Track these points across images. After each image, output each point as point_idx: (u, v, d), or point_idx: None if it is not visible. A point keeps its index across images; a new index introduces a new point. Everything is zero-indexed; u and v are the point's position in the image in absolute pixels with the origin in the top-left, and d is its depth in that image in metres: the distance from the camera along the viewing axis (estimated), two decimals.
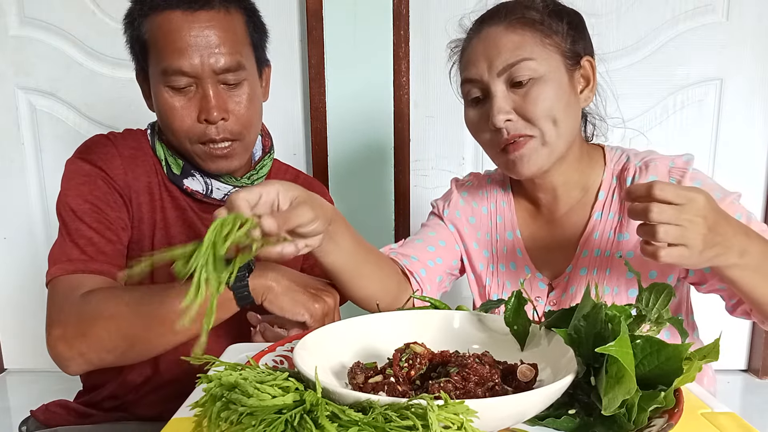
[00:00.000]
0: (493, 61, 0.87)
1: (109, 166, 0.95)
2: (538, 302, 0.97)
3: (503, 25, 0.88)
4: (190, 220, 1.02)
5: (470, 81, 0.91)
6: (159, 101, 0.93)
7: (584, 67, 0.91)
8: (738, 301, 0.86)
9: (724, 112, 1.95)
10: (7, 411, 1.95)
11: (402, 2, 1.84)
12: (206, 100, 0.91)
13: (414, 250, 1.02)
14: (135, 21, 0.93)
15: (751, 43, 1.90)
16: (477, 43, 0.90)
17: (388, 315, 0.74)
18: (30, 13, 1.89)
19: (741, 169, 1.98)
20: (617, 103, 1.00)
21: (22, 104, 1.96)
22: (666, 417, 0.52)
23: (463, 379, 0.55)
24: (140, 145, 1.00)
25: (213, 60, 0.90)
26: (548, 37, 0.87)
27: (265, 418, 0.47)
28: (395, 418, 0.45)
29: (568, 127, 0.88)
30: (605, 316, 0.55)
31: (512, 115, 0.87)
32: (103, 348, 0.83)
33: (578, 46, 0.90)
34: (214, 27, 0.90)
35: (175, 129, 0.93)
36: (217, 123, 0.92)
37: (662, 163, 0.90)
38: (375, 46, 1.87)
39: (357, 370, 0.59)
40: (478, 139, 0.95)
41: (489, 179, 1.08)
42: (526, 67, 0.85)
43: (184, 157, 0.99)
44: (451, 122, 1.97)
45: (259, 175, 1.05)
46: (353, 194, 1.97)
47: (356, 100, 1.91)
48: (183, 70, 0.89)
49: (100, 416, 1.03)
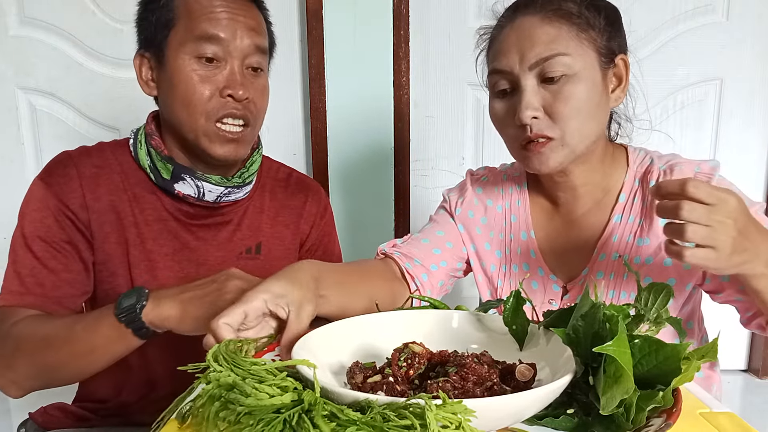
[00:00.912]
0: (525, 54, 0.83)
1: (64, 191, 0.93)
2: (551, 305, 0.94)
3: (539, 16, 0.84)
4: (174, 231, 1.00)
5: (499, 72, 0.87)
6: (182, 72, 0.92)
7: (618, 66, 0.87)
8: (754, 314, 0.83)
9: (724, 112, 1.95)
10: (5, 413, 1.94)
11: (402, 2, 1.84)
12: (234, 76, 0.93)
13: (418, 252, 0.99)
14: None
15: (751, 43, 1.90)
16: (510, 33, 0.86)
17: (387, 315, 0.74)
18: (30, 13, 1.89)
19: (741, 169, 1.97)
20: (647, 104, 0.96)
21: (22, 104, 1.96)
22: (664, 416, 0.52)
23: (461, 378, 0.55)
24: (105, 163, 0.98)
25: (248, 40, 0.93)
26: (585, 31, 0.83)
27: (263, 418, 0.47)
28: (393, 418, 0.45)
29: (593, 128, 0.86)
30: (603, 315, 0.55)
31: (539, 112, 0.83)
32: (29, 377, 0.87)
33: (614, 43, 0.86)
34: (250, 13, 0.95)
35: (195, 101, 0.92)
36: (242, 101, 0.93)
37: (688, 168, 0.87)
38: (375, 46, 1.87)
39: (356, 370, 0.59)
40: (502, 132, 0.92)
41: (505, 175, 1.04)
42: (559, 63, 0.81)
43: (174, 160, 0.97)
44: (451, 122, 1.97)
45: (250, 173, 1.03)
46: (353, 194, 1.97)
47: (356, 100, 1.91)
48: (220, 38, 0.91)
49: (98, 420, 1.03)
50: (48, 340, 0.85)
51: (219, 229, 1.03)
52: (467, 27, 1.91)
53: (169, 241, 0.99)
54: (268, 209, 1.09)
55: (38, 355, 0.85)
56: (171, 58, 0.92)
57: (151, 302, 0.80)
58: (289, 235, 1.11)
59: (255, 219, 1.07)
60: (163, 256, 0.99)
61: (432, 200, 1.98)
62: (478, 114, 1.96)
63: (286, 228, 1.11)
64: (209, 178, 0.97)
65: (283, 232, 1.10)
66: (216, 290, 0.79)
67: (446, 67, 1.94)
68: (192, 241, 1.01)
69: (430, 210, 1.12)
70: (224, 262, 1.02)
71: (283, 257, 1.10)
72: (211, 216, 1.02)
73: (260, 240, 1.07)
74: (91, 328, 0.83)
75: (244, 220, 1.06)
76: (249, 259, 1.05)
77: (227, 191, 0.99)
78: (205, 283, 0.81)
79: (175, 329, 0.80)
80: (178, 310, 0.79)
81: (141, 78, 0.98)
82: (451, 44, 1.93)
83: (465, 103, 1.96)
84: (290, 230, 1.11)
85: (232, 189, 1.00)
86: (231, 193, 1.00)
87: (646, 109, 0.96)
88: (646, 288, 0.65)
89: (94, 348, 0.83)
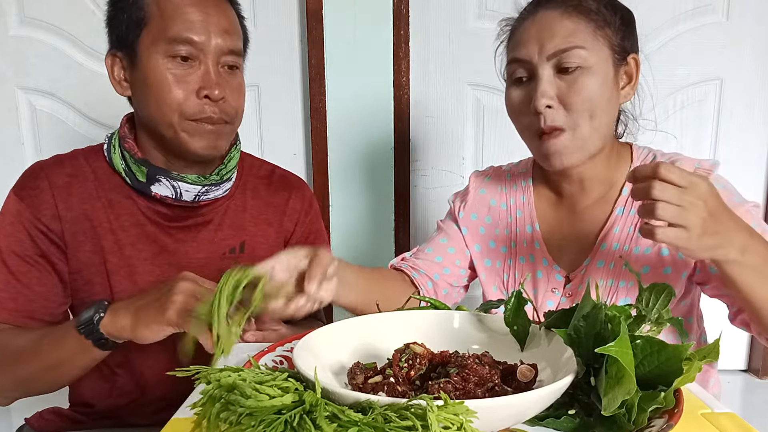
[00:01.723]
0: (544, 45, 0.87)
1: (35, 203, 0.93)
2: (554, 293, 0.98)
3: (560, 11, 0.88)
4: (152, 234, 0.99)
5: (518, 61, 0.91)
6: (155, 72, 0.90)
7: (629, 64, 0.91)
8: (739, 309, 0.86)
9: (724, 112, 1.95)
10: (5, 413, 1.94)
11: (402, 2, 1.84)
12: (209, 76, 0.92)
13: (422, 263, 1.06)
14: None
15: (751, 43, 1.89)
16: (530, 25, 0.90)
17: (387, 315, 0.74)
18: (30, 13, 1.89)
19: (741, 169, 1.97)
20: (653, 103, 1.00)
21: (22, 104, 1.95)
22: (666, 417, 0.52)
23: (462, 379, 0.55)
24: (78, 171, 0.97)
25: (221, 39, 0.92)
26: (601, 28, 0.88)
27: (264, 419, 0.47)
28: (395, 419, 0.45)
29: (604, 122, 0.89)
30: (605, 316, 0.55)
31: (554, 101, 0.87)
32: (7, 388, 0.91)
33: (627, 42, 0.91)
34: (224, 13, 0.94)
35: (170, 101, 0.90)
36: (218, 101, 0.92)
37: (688, 163, 0.90)
38: (375, 46, 1.87)
39: (357, 371, 0.59)
40: (517, 122, 0.95)
41: (509, 174, 1.09)
42: (576, 55, 0.86)
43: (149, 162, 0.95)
44: (451, 122, 1.97)
45: (228, 169, 1.01)
46: (353, 194, 1.97)
47: (356, 100, 1.91)
48: (192, 39, 0.90)
49: (92, 423, 1.03)
50: (18, 354, 0.87)
51: (199, 230, 1.02)
52: (467, 27, 1.91)
53: (147, 246, 0.98)
54: (251, 207, 1.08)
55: (11, 369, 0.88)
56: (144, 58, 0.91)
57: (108, 314, 0.82)
58: (273, 233, 1.09)
59: (237, 218, 1.06)
60: (142, 261, 0.98)
61: (432, 200, 1.98)
62: (478, 114, 1.96)
63: (270, 226, 1.09)
64: (185, 177, 0.95)
65: (267, 231, 1.09)
66: (166, 293, 0.79)
67: (446, 67, 1.94)
68: (171, 244, 1.00)
69: (430, 210, 1.14)
70: (207, 264, 1.01)
71: (268, 256, 1.08)
72: (191, 217, 1.01)
73: (244, 239, 1.06)
74: (56, 342, 0.85)
75: (225, 219, 1.04)
76: (233, 259, 1.04)
77: (205, 190, 0.97)
78: (157, 288, 0.82)
79: (132, 338, 0.81)
80: (132, 319, 0.80)
81: (113, 78, 0.96)
82: (451, 44, 1.92)
83: (465, 103, 1.96)
84: (274, 228, 1.09)
85: (210, 187, 0.98)
86: (209, 192, 0.98)
87: (652, 108, 0.99)
88: (647, 288, 0.65)
89: (62, 361, 0.86)
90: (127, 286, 0.96)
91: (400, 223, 1.97)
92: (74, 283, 0.97)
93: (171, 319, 0.76)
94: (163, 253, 0.99)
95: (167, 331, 0.78)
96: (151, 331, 0.78)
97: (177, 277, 0.80)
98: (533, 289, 1.00)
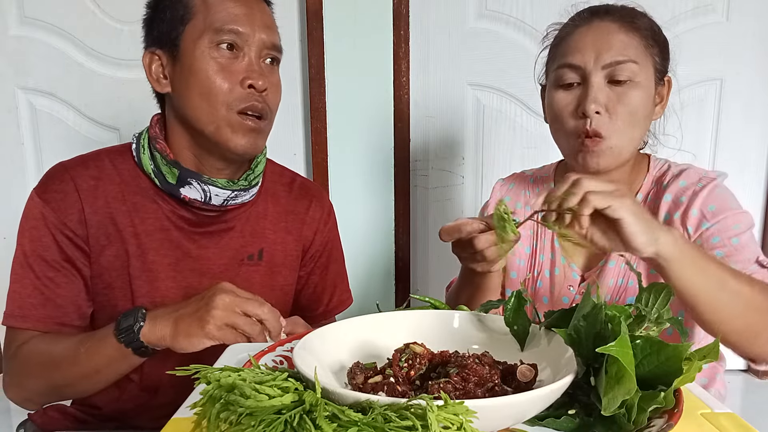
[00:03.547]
0: (601, 54, 0.91)
1: (61, 207, 0.92)
2: (570, 290, 1.03)
3: (617, 24, 0.92)
4: (176, 240, 0.97)
5: (570, 66, 0.94)
6: (201, 61, 0.90)
7: (664, 85, 0.98)
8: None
9: (724, 112, 1.95)
10: (5, 412, 1.94)
11: (402, 2, 1.84)
12: (253, 67, 0.93)
13: None
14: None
15: (751, 43, 1.90)
16: (587, 32, 0.93)
17: (387, 315, 0.74)
18: (30, 13, 1.89)
19: (741, 169, 1.97)
20: (680, 122, 1.04)
21: (22, 104, 1.96)
22: (666, 417, 0.52)
23: (462, 379, 0.55)
24: (103, 173, 0.96)
25: (264, 34, 0.94)
26: (650, 47, 0.93)
27: (264, 419, 0.47)
28: (395, 419, 0.45)
29: (638, 134, 0.95)
30: (605, 316, 0.55)
31: (602, 108, 0.91)
32: (40, 393, 0.94)
33: (666, 64, 0.97)
34: (265, 10, 0.97)
35: (216, 90, 0.90)
36: (262, 92, 0.93)
37: (695, 172, 0.96)
38: (375, 45, 1.87)
39: (356, 371, 0.59)
40: (557, 123, 0.97)
41: (532, 178, 1.14)
42: (629, 69, 0.90)
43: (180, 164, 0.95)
44: (451, 122, 1.97)
45: (256, 174, 1.02)
46: (353, 194, 1.97)
47: (356, 100, 1.91)
48: (238, 30, 0.91)
49: (96, 424, 1.03)
50: (54, 362, 0.88)
51: (221, 236, 1.01)
52: (467, 27, 1.92)
53: (171, 251, 0.97)
54: (271, 214, 1.07)
55: (46, 375, 0.90)
56: (188, 50, 0.91)
57: (148, 322, 0.83)
58: (291, 241, 1.09)
59: (257, 224, 1.05)
60: (165, 266, 0.97)
61: (432, 200, 1.98)
62: (478, 114, 1.96)
63: (289, 234, 1.08)
64: (216, 182, 0.95)
65: (286, 238, 1.08)
66: (204, 306, 0.81)
67: (446, 67, 1.94)
68: (194, 250, 0.99)
69: (431, 210, 1.14)
70: (226, 270, 1.01)
71: (285, 263, 1.08)
72: (215, 223, 1.00)
73: (262, 246, 1.05)
74: (94, 349, 0.86)
75: (246, 226, 1.04)
76: (251, 266, 1.03)
77: (234, 194, 0.97)
78: (196, 299, 0.84)
79: (171, 347, 0.83)
80: (171, 329, 0.82)
81: (150, 75, 0.95)
82: (451, 44, 1.93)
83: (465, 103, 1.96)
84: (293, 236, 1.09)
85: (239, 192, 0.98)
86: (238, 196, 0.98)
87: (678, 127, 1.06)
88: (647, 288, 0.65)
89: (99, 368, 0.87)
90: (147, 291, 0.96)
91: (400, 223, 1.97)
92: (95, 287, 0.96)
93: (211, 333, 0.79)
94: (185, 259, 0.98)
95: (206, 344, 0.80)
96: (190, 343, 0.81)
97: (216, 288, 0.83)
98: (551, 285, 1.05)
